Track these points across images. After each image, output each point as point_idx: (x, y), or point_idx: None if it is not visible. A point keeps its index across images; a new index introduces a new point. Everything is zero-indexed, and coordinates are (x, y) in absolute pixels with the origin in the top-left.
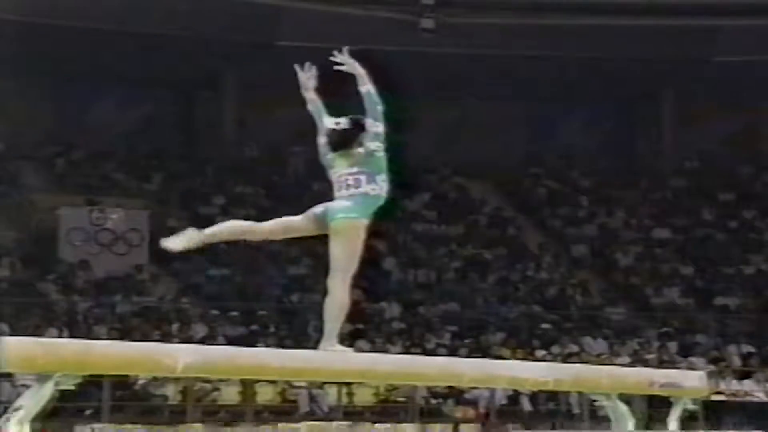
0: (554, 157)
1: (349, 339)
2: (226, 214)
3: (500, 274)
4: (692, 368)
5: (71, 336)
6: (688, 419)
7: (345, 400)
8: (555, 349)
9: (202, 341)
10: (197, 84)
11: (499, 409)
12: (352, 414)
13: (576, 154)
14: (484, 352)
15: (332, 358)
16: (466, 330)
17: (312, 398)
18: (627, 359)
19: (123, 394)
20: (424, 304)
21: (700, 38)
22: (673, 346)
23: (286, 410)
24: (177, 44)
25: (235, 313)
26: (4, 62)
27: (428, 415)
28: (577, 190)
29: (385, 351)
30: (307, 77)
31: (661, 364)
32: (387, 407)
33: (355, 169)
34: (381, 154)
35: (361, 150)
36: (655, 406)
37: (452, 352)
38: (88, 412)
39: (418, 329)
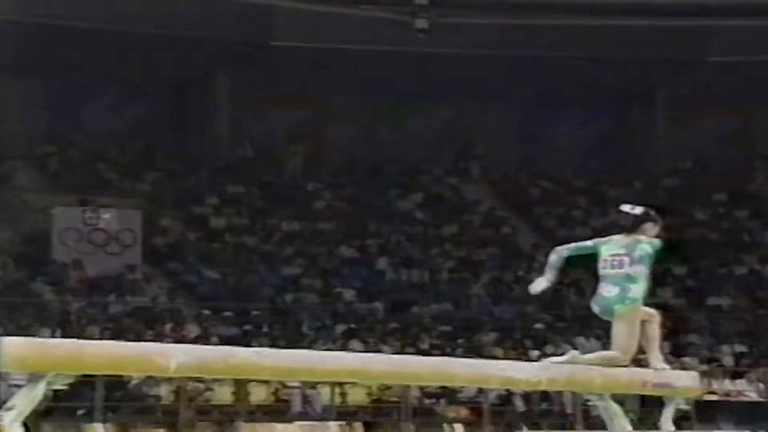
0: (548, 157)
1: (342, 338)
2: (220, 213)
3: (493, 274)
4: (685, 368)
5: (64, 336)
6: (680, 419)
7: (338, 400)
8: (548, 349)
9: (196, 341)
10: (191, 84)
11: (492, 408)
12: (345, 414)
13: (570, 154)
14: (477, 352)
15: (326, 357)
16: (459, 330)
17: (305, 398)
18: None
19: (116, 394)
20: (418, 304)
21: (695, 39)
22: (665, 346)
23: (279, 410)
24: (171, 44)
25: (228, 313)
26: None
27: (421, 414)
28: (571, 190)
29: (379, 351)
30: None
31: None
32: (380, 407)
33: (623, 251)
34: (647, 250)
35: (638, 236)
36: (647, 406)
37: (445, 352)
38: (80, 411)
39: (412, 329)
